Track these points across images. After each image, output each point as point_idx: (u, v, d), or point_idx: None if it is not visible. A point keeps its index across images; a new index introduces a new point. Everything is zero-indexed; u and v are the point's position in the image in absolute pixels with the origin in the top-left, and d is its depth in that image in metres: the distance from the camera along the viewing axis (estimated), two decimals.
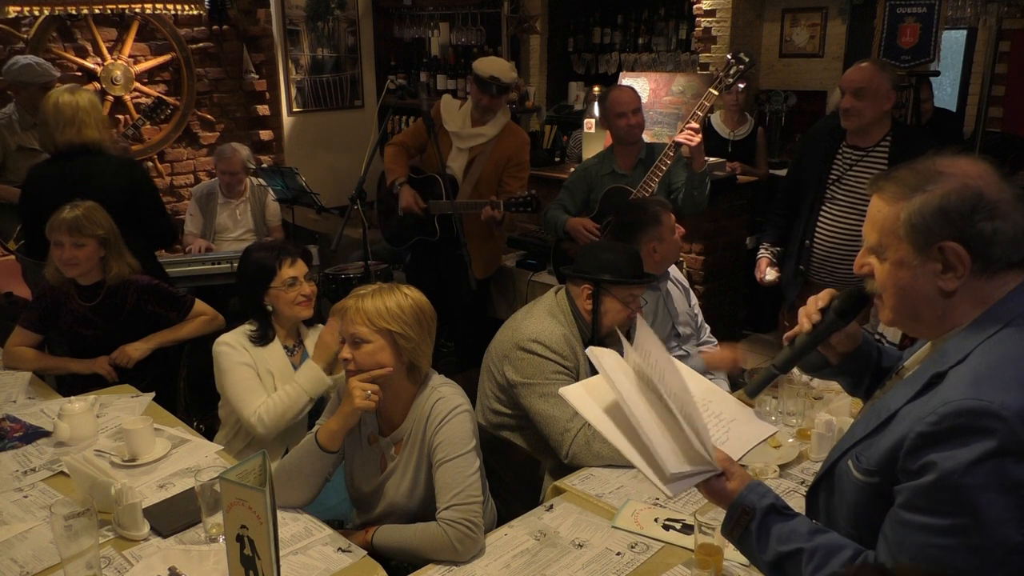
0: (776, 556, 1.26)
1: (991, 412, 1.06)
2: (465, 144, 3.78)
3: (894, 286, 1.23)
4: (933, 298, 1.20)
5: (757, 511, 1.29)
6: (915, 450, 1.12)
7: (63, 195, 2.86)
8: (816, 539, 1.24)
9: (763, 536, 1.28)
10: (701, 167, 3.29)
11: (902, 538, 1.14)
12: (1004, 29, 4.53)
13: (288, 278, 2.49)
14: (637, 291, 2.40)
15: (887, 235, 1.22)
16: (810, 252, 3.18)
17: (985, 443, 1.06)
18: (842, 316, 1.41)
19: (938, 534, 1.09)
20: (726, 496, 1.33)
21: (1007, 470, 1.05)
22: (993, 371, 1.11)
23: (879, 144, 3.02)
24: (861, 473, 1.23)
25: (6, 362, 2.82)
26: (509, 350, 2.34)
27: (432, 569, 1.75)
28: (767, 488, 1.34)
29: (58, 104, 3.13)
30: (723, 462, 1.34)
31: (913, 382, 1.21)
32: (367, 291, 1.94)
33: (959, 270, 1.17)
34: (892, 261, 1.22)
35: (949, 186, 1.17)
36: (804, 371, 1.59)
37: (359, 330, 1.90)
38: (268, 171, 4.98)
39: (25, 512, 1.94)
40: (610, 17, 6.41)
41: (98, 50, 5.11)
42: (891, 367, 1.49)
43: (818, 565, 1.21)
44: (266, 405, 2.37)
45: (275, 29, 5.85)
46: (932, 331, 1.25)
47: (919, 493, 1.11)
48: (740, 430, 1.46)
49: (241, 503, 1.44)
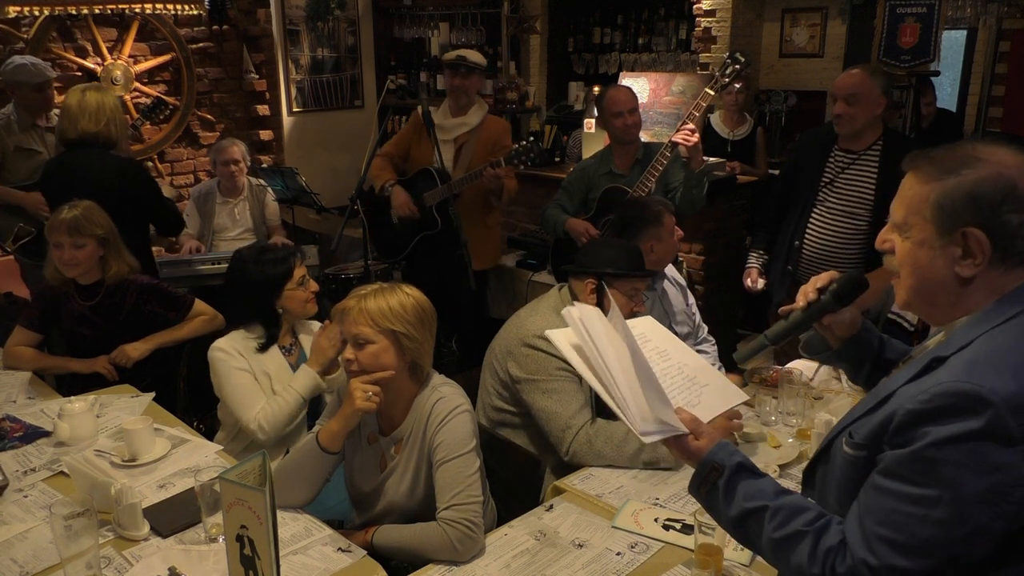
0: (741, 512, 1.28)
1: (980, 396, 1.06)
2: (449, 135, 3.90)
3: (912, 266, 1.23)
4: (949, 283, 1.20)
5: (726, 468, 1.31)
6: (902, 426, 1.13)
7: (65, 182, 2.94)
8: (781, 499, 1.26)
9: (730, 493, 1.30)
10: (698, 166, 3.30)
11: (872, 501, 1.15)
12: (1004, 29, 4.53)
13: (300, 278, 2.53)
14: (640, 284, 2.43)
15: (913, 213, 1.22)
16: (799, 253, 3.23)
17: (970, 423, 1.06)
18: (838, 299, 1.44)
19: (907, 502, 1.11)
20: (695, 453, 1.35)
21: (987, 453, 1.06)
22: (990, 357, 1.11)
23: (870, 148, 3.07)
24: (851, 447, 1.24)
25: (6, 362, 2.82)
26: (514, 346, 2.35)
27: (432, 569, 1.75)
28: (736, 448, 1.36)
29: (85, 96, 3.27)
30: (689, 422, 1.36)
31: (914, 365, 1.22)
32: (368, 291, 1.94)
33: (978, 258, 1.17)
34: (914, 240, 1.22)
35: (984, 173, 1.16)
36: (806, 353, 1.61)
37: (362, 331, 1.89)
38: (268, 171, 4.98)
39: (25, 512, 1.94)
40: (610, 17, 6.41)
41: (98, 50, 5.11)
42: (895, 359, 1.50)
43: (780, 523, 1.23)
44: (265, 412, 2.37)
45: (275, 29, 5.84)
46: (945, 316, 1.25)
47: (898, 461, 1.13)
48: (712, 395, 1.54)
49: (241, 503, 1.44)
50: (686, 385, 1.53)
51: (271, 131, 5.97)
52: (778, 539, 1.23)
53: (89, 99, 3.26)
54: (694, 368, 1.59)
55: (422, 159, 3.88)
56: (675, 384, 1.52)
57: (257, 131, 5.92)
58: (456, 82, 3.85)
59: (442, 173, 3.77)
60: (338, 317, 1.95)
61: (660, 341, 1.64)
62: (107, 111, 3.27)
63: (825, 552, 1.18)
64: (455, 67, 3.83)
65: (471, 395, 2.50)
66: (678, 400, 1.46)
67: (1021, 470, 1.06)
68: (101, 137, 3.25)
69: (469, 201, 3.84)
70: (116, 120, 3.30)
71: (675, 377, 1.54)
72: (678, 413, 1.37)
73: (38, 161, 3.87)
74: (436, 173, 3.76)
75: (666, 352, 1.60)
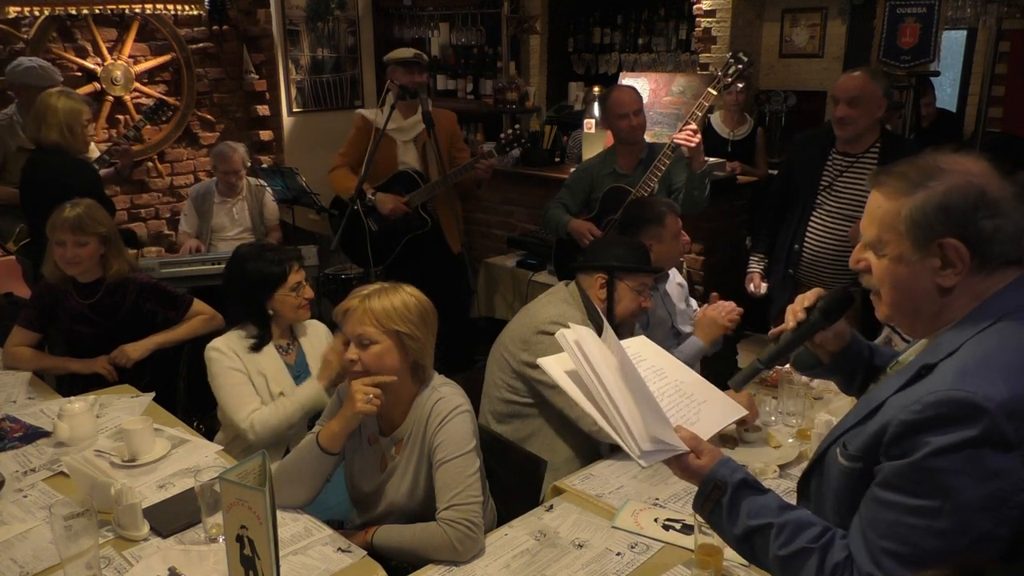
0: (746, 530, 1.27)
1: (974, 403, 1.06)
2: (408, 136, 3.97)
3: (891, 282, 1.23)
4: (930, 294, 1.20)
5: (729, 485, 1.30)
6: (897, 436, 1.13)
7: (34, 187, 3.19)
8: (785, 515, 1.26)
9: (734, 510, 1.29)
10: (700, 167, 3.29)
11: (874, 515, 1.15)
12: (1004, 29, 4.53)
13: (295, 283, 2.51)
14: (647, 280, 2.46)
15: (886, 230, 1.21)
16: (799, 257, 3.23)
17: (965, 432, 1.06)
18: (827, 316, 1.43)
19: (909, 514, 1.10)
20: (697, 472, 1.34)
21: (984, 460, 1.06)
22: (980, 363, 1.11)
23: (869, 150, 3.07)
24: (846, 459, 1.24)
25: (6, 362, 2.82)
26: (528, 335, 2.38)
27: (432, 569, 1.75)
28: (738, 464, 1.35)
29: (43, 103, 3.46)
30: (689, 440, 1.35)
31: (903, 373, 1.22)
32: (370, 291, 1.93)
33: (958, 267, 1.17)
34: (891, 257, 1.22)
35: (952, 183, 1.16)
36: (797, 369, 1.61)
37: (367, 331, 1.88)
38: (268, 171, 4.98)
39: (25, 512, 1.94)
40: (610, 17, 6.41)
41: (98, 50, 5.11)
42: (884, 365, 1.50)
43: (786, 540, 1.23)
44: (260, 414, 2.37)
45: (275, 29, 5.84)
46: (929, 327, 1.25)
47: (896, 472, 1.12)
48: (710, 411, 1.51)
49: (241, 503, 1.44)
50: (684, 402, 1.51)
51: (271, 131, 5.96)
52: (784, 556, 1.23)
53: (40, 106, 3.45)
54: (691, 385, 1.57)
55: (386, 162, 3.92)
56: (673, 402, 1.50)
57: (257, 131, 5.92)
58: (420, 78, 3.90)
59: (419, 174, 3.85)
60: (341, 317, 1.94)
61: (655, 359, 1.61)
62: (50, 114, 3.42)
63: (832, 568, 1.17)
64: (414, 64, 3.87)
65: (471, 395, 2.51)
66: (676, 418, 1.43)
67: (1020, 474, 1.05)
68: (47, 145, 3.44)
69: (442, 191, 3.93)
70: (58, 122, 3.44)
71: (672, 395, 1.51)
72: (677, 431, 1.36)
73: None
74: (415, 174, 3.84)
75: (661, 370, 1.58)
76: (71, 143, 3.48)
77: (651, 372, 1.55)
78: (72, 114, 3.47)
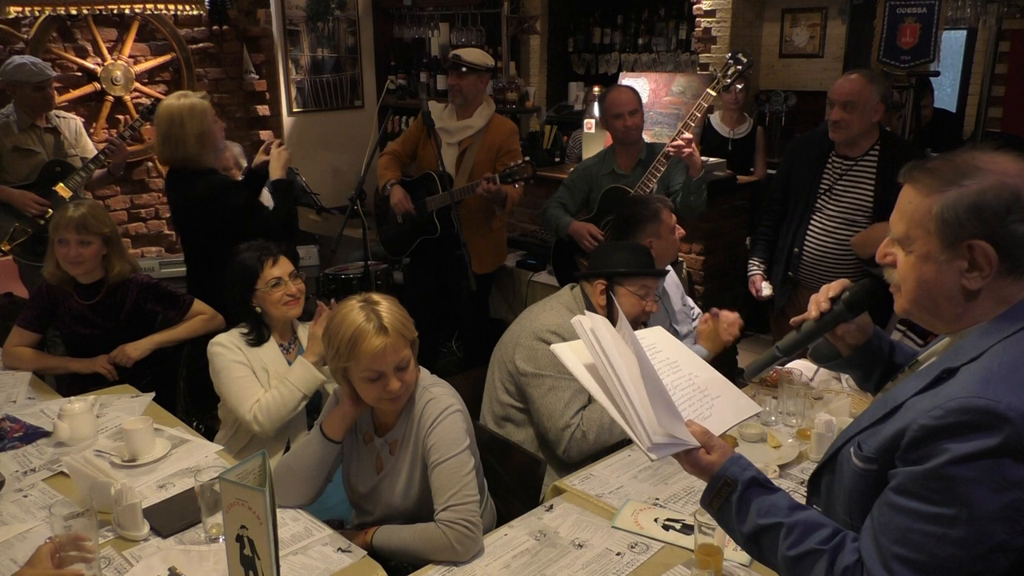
0: (755, 528, 1.26)
1: (997, 412, 1.05)
2: (454, 138, 3.86)
3: (916, 279, 1.21)
4: (954, 295, 1.18)
5: (739, 483, 1.29)
6: (916, 441, 1.11)
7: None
8: (795, 515, 1.24)
9: (743, 508, 1.28)
10: (697, 174, 3.31)
11: (888, 520, 1.14)
12: (1004, 29, 4.54)
13: (272, 278, 2.47)
14: (649, 283, 2.45)
15: (915, 227, 1.19)
16: (799, 260, 3.22)
17: (986, 440, 1.05)
18: (851, 308, 1.41)
19: (924, 521, 1.09)
20: (707, 468, 1.32)
21: (1004, 470, 1.04)
22: (1005, 371, 1.09)
23: (867, 153, 3.06)
24: (860, 460, 1.22)
25: (6, 362, 2.82)
26: (525, 339, 2.38)
27: (432, 569, 1.75)
28: (749, 462, 1.33)
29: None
30: (700, 435, 1.34)
31: (924, 375, 1.20)
32: (373, 313, 1.85)
33: (985, 270, 1.14)
34: (918, 254, 1.19)
35: (986, 183, 1.14)
36: (814, 361, 1.59)
37: (405, 353, 1.87)
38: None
39: (25, 512, 1.94)
40: (610, 17, 6.41)
41: (98, 50, 5.11)
42: (903, 363, 1.48)
43: (795, 541, 1.21)
44: (260, 404, 2.37)
45: (275, 29, 5.84)
46: (949, 326, 1.23)
47: (912, 478, 1.11)
48: (723, 407, 1.49)
49: (241, 503, 1.44)
50: (697, 397, 1.48)
51: (271, 131, 5.96)
52: (793, 557, 1.21)
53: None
54: (705, 379, 1.54)
55: (427, 161, 3.85)
56: (685, 396, 1.48)
57: (257, 131, 5.92)
58: (452, 81, 3.80)
59: (444, 178, 3.72)
60: (369, 361, 1.83)
61: (670, 352, 1.59)
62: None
63: (842, 571, 1.16)
64: (452, 67, 3.78)
65: (475, 395, 2.52)
66: (688, 412, 1.42)
67: None
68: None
69: (473, 205, 3.79)
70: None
71: (685, 389, 1.49)
72: (689, 426, 1.34)
73: (36, 161, 3.88)
74: (439, 178, 3.71)
75: (676, 363, 1.55)
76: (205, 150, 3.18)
77: (665, 365, 1.53)
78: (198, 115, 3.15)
